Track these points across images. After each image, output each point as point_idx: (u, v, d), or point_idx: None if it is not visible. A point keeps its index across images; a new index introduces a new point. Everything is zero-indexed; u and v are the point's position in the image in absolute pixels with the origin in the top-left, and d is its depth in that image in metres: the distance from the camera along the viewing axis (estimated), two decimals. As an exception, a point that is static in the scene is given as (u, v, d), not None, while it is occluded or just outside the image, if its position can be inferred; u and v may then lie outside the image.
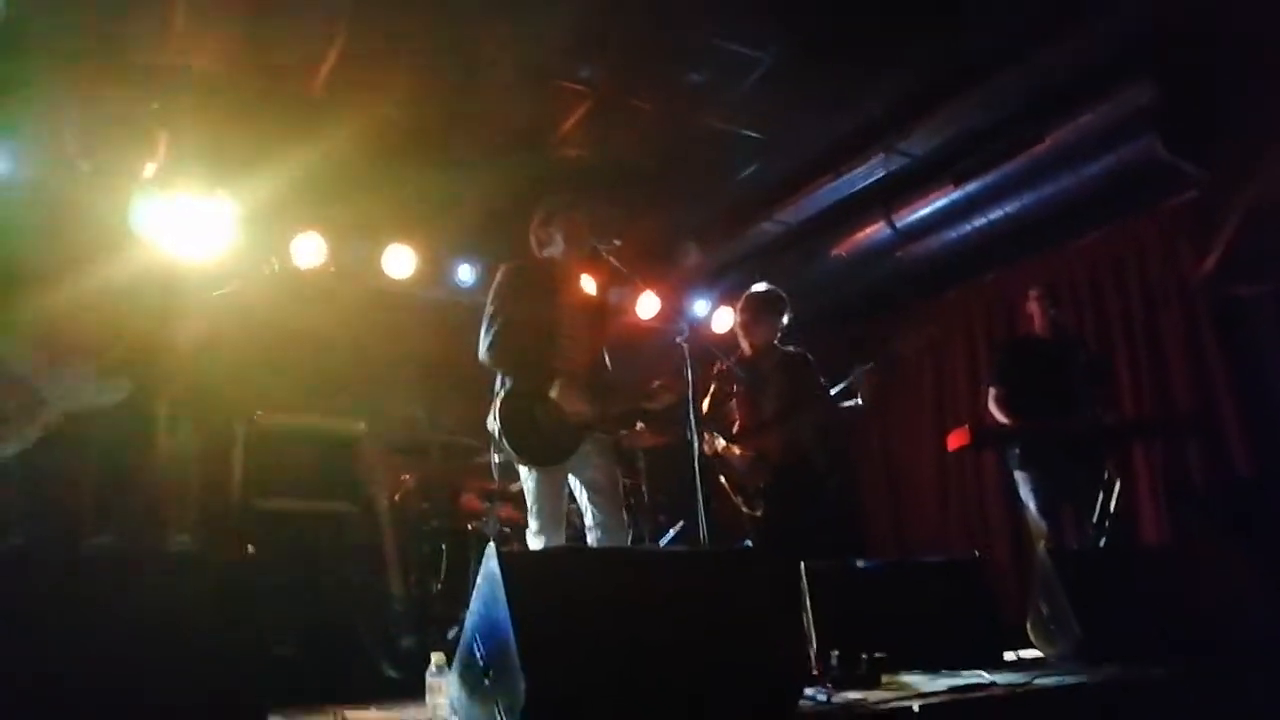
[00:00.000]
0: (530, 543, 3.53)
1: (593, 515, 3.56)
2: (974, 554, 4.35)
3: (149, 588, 2.02)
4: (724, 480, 4.50)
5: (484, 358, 3.60)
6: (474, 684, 2.22)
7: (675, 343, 3.95)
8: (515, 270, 3.75)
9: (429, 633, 4.30)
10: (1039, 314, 4.79)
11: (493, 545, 2.27)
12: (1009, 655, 3.47)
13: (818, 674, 2.82)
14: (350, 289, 5.95)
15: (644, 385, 3.74)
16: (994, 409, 4.68)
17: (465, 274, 6.31)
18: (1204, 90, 4.85)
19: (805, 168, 5.93)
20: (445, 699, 2.44)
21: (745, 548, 3.96)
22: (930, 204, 5.92)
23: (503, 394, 3.53)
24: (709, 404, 4.54)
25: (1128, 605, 3.29)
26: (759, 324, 4.61)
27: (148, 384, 2.94)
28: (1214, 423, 5.23)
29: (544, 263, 3.80)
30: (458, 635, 2.94)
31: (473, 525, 4.98)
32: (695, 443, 3.80)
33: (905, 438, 7.28)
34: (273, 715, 2.25)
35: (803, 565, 3.26)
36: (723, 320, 6.37)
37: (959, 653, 3.18)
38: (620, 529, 3.60)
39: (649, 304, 6.21)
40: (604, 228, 3.83)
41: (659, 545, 5.13)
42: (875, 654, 2.86)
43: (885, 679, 2.85)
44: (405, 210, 5.83)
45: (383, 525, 4.36)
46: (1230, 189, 5.10)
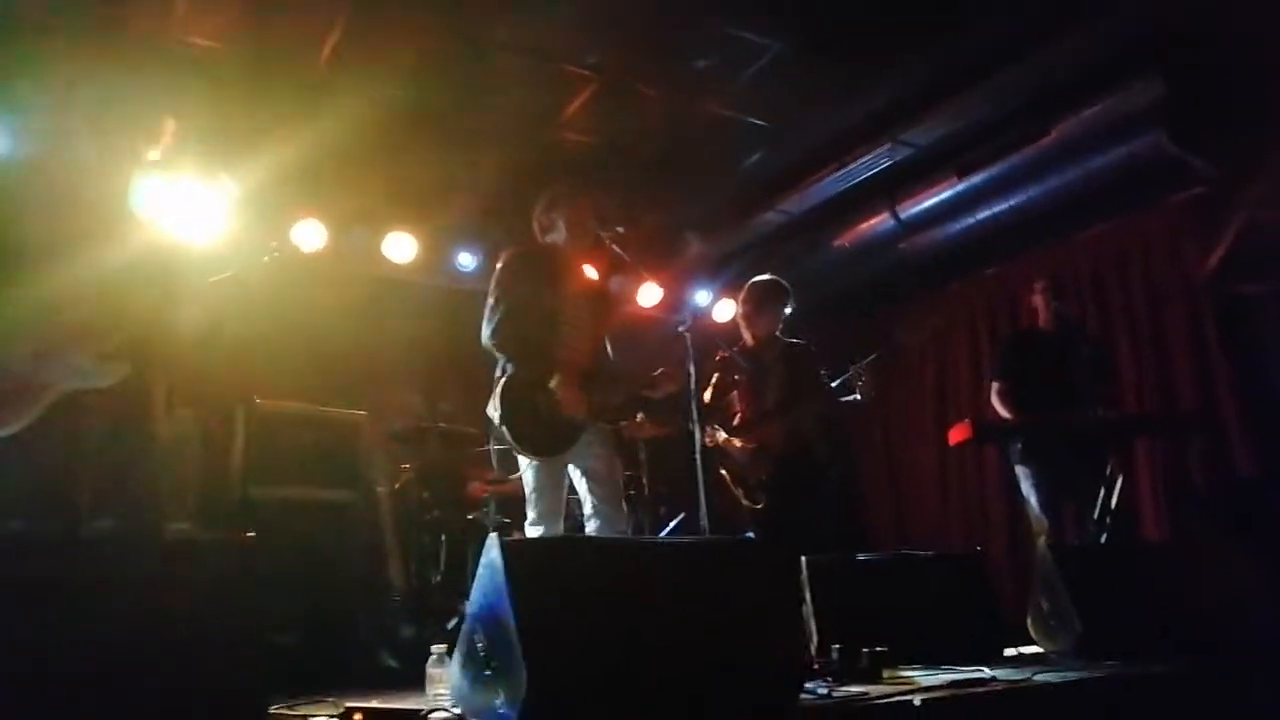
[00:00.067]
0: (528, 533, 3.51)
1: (592, 505, 3.54)
2: (975, 549, 4.34)
3: (149, 574, 2.01)
4: (725, 472, 4.48)
5: (486, 342, 3.58)
6: (475, 674, 2.20)
7: (677, 332, 3.94)
8: (518, 256, 3.72)
9: (428, 623, 4.29)
10: (1043, 307, 4.77)
11: (494, 535, 2.26)
12: (1009, 651, 3.46)
13: (818, 667, 2.82)
14: (351, 275, 5.93)
15: (645, 374, 3.71)
16: (997, 403, 4.66)
17: (466, 261, 6.29)
18: (1211, 85, 4.82)
19: (810, 157, 5.90)
20: (446, 689, 2.44)
21: (747, 539, 3.94)
22: (935, 196, 5.90)
23: (504, 381, 3.51)
24: (710, 395, 4.52)
25: (1128, 602, 3.29)
26: (761, 314, 4.59)
27: (146, 370, 2.92)
28: (1216, 421, 5.22)
29: (547, 249, 3.77)
30: (457, 626, 2.93)
31: (473, 516, 4.97)
32: (697, 433, 3.79)
33: (906, 430, 7.27)
34: (273, 704, 2.25)
35: (803, 558, 3.25)
36: (724, 310, 6.35)
37: (959, 647, 3.16)
38: (620, 519, 3.59)
39: (651, 293, 6.19)
40: (607, 215, 3.80)
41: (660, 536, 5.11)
42: (876, 648, 2.85)
43: (886, 673, 2.83)
44: (406, 196, 5.80)
45: (382, 514, 4.34)
46: (1236, 186, 5.07)
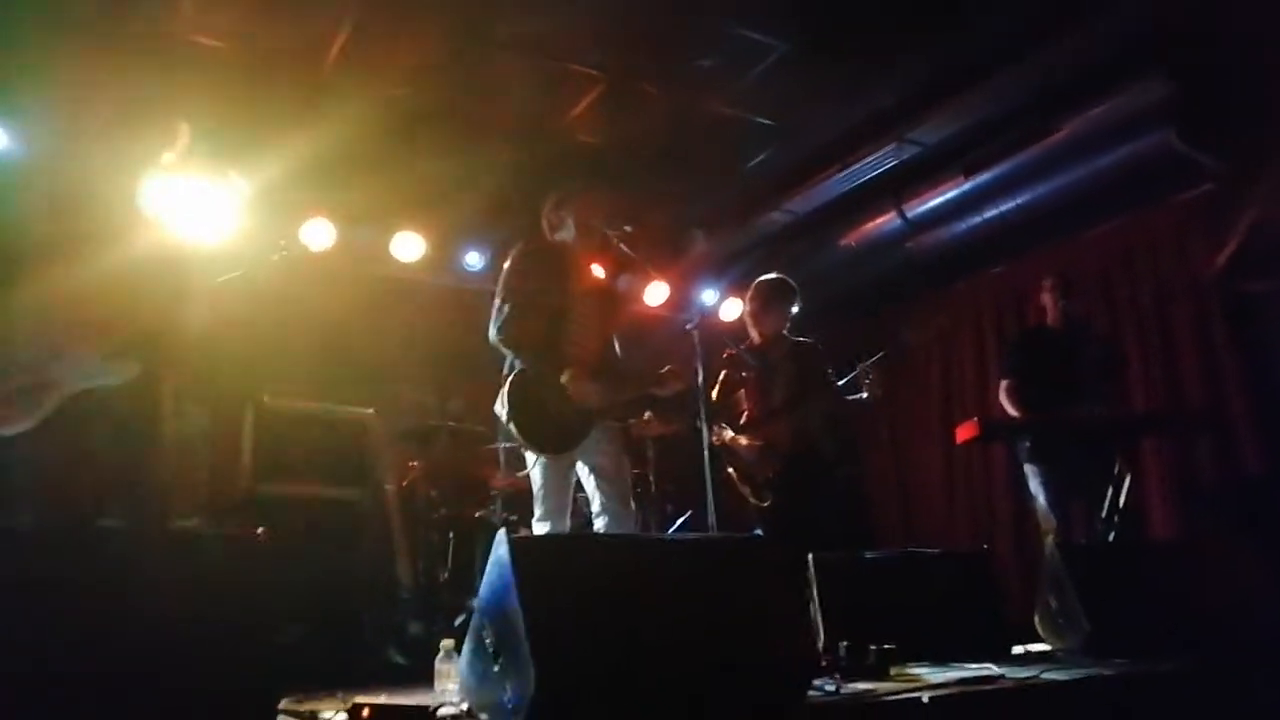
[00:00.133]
0: (536, 530, 3.51)
1: (600, 503, 3.55)
2: (982, 547, 4.33)
3: (157, 571, 2.01)
4: (732, 470, 4.48)
5: (494, 338, 3.57)
6: (483, 669, 2.21)
7: (685, 330, 3.94)
8: (527, 253, 3.72)
9: (436, 620, 4.30)
10: (1051, 305, 4.75)
11: (503, 531, 2.26)
12: (1017, 649, 3.46)
13: (826, 664, 2.81)
14: (359, 274, 5.95)
15: (653, 373, 3.71)
16: (1004, 401, 4.65)
17: (474, 260, 6.31)
18: (1219, 83, 4.81)
19: (816, 156, 5.89)
20: (454, 684, 2.44)
21: (755, 536, 3.94)
22: (941, 194, 5.88)
23: (511, 378, 3.51)
24: (717, 393, 4.51)
25: (1136, 600, 3.28)
26: (768, 312, 4.59)
27: (154, 368, 2.93)
28: (1224, 419, 5.20)
29: (555, 247, 3.77)
30: (465, 623, 2.94)
31: (480, 513, 4.98)
32: (704, 431, 3.79)
33: (913, 429, 7.25)
34: (281, 700, 2.25)
35: (810, 556, 3.25)
36: (731, 309, 6.35)
37: (966, 645, 3.16)
38: (628, 517, 3.59)
39: (658, 292, 6.19)
40: (615, 214, 3.80)
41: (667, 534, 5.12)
42: (883, 645, 2.85)
43: (893, 671, 2.84)
44: (414, 195, 5.81)
45: (390, 512, 4.35)
46: (1244, 183, 5.06)
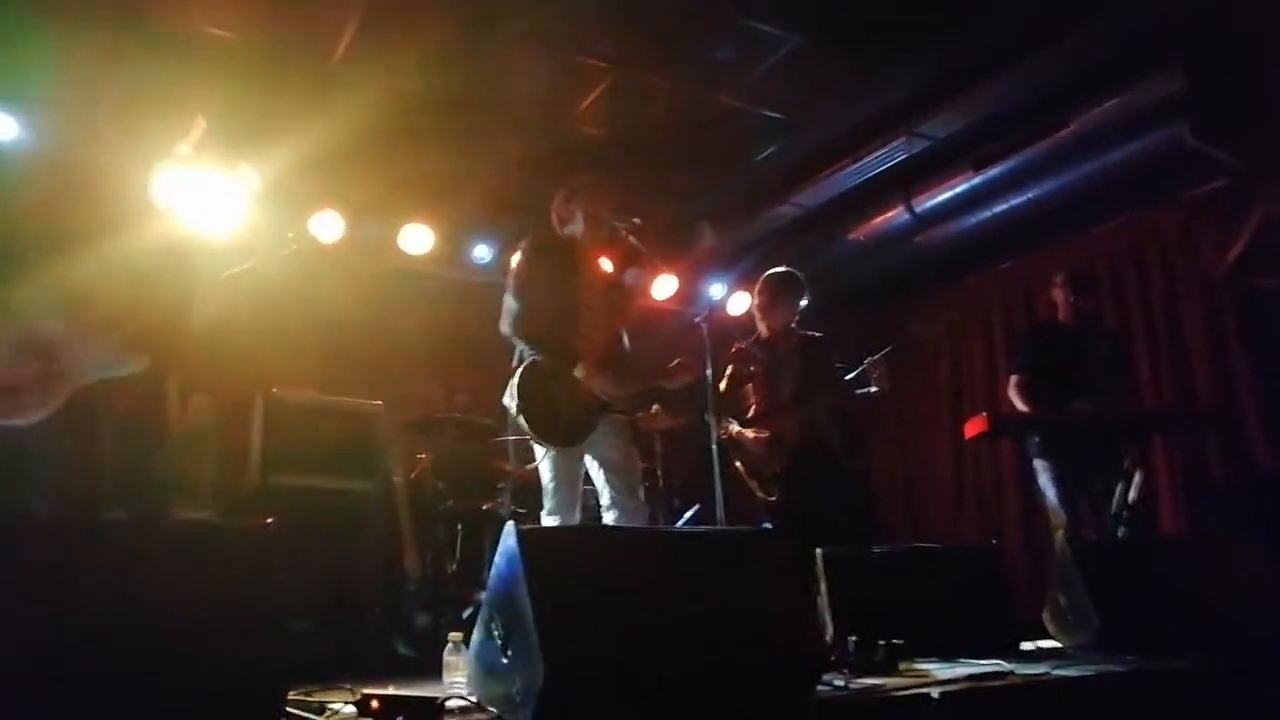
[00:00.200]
0: (544, 523, 3.52)
1: (610, 496, 3.55)
2: (991, 542, 4.32)
3: (166, 561, 2.01)
4: (739, 465, 4.47)
5: (507, 332, 3.58)
6: (491, 661, 2.21)
7: (693, 323, 3.93)
8: (537, 246, 3.72)
9: (443, 612, 4.31)
10: (1063, 301, 4.73)
11: (511, 523, 2.26)
12: (1026, 645, 3.45)
13: (835, 659, 2.81)
14: (367, 267, 5.95)
15: (661, 366, 3.71)
16: (1014, 396, 4.63)
17: (482, 253, 6.31)
18: (1232, 79, 4.77)
19: (825, 150, 5.86)
20: (462, 676, 2.44)
21: (764, 529, 3.93)
22: (950, 189, 5.85)
23: (520, 371, 3.51)
24: (725, 386, 4.50)
25: (1146, 597, 3.26)
26: (777, 306, 4.58)
27: (164, 360, 2.94)
28: (1234, 416, 5.18)
29: (565, 241, 3.77)
30: (473, 615, 2.94)
31: (488, 506, 4.98)
32: (713, 425, 3.78)
33: (921, 424, 7.24)
34: (289, 691, 2.25)
35: (818, 551, 3.25)
36: (739, 303, 6.34)
37: (975, 641, 3.15)
38: (638, 510, 3.59)
39: (666, 285, 6.18)
40: (624, 207, 3.79)
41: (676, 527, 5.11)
42: (892, 640, 2.85)
43: (902, 666, 2.83)
44: (422, 188, 5.81)
45: (398, 504, 4.36)
46: (1256, 179, 5.03)
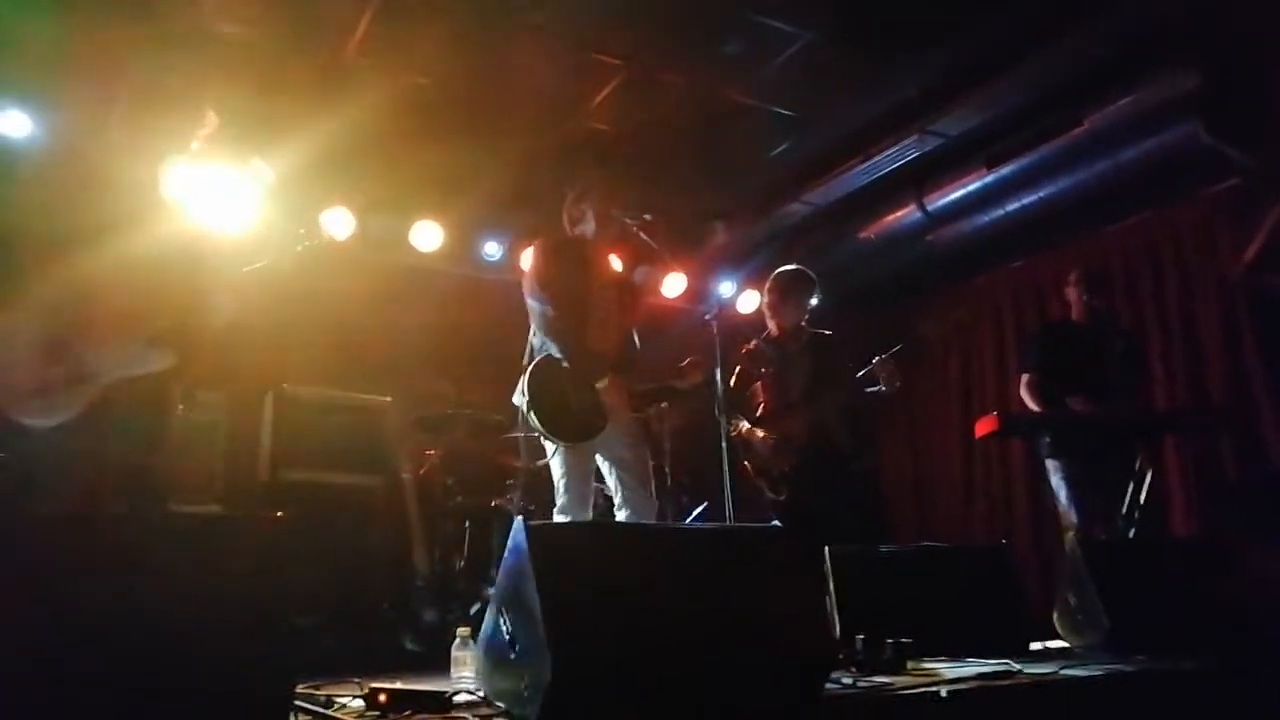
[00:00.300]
0: (556, 520, 3.53)
1: (623, 494, 3.56)
2: (1001, 541, 4.30)
3: (176, 554, 2.02)
4: (747, 464, 4.47)
5: (540, 333, 3.61)
6: (499, 657, 2.21)
7: (704, 321, 3.94)
8: (550, 246, 3.74)
9: (451, 608, 4.31)
10: (1076, 300, 4.70)
11: (520, 519, 2.26)
12: (1035, 645, 3.43)
13: (843, 658, 2.80)
14: (378, 263, 5.97)
15: (672, 364, 3.72)
16: (1026, 395, 4.61)
17: (492, 250, 6.32)
18: (1249, 76, 4.74)
19: (837, 147, 5.86)
20: (470, 672, 2.45)
21: (774, 527, 3.92)
22: (963, 187, 5.84)
23: (531, 368, 3.52)
24: (735, 384, 4.50)
25: (1157, 597, 3.24)
26: (787, 304, 4.56)
27: (181, 356, 2.95)
28: (1248, 416, 5.15)
29: (576, 240, 3.78)
30: (480, 611, 2.95)
31: (496, 502, 4.99)
32: (723, 423, 3.78)
33: (930, 423, 7.22)
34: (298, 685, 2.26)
35: (826, 549, 3.24)
36: (749, 301, 6.33)
37: (984, 640, 3.14)
38: (650, 508, 3.60)
39: (676, 283, 6.18)
40: (635, 204, 3.80)
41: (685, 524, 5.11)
42: (900, 639, 2.84)
43: (910, 665, 2.82)
44: (432, 184, 5.82)
45: (407, 500, 4.37)
46: (1272, 177, 4.99)
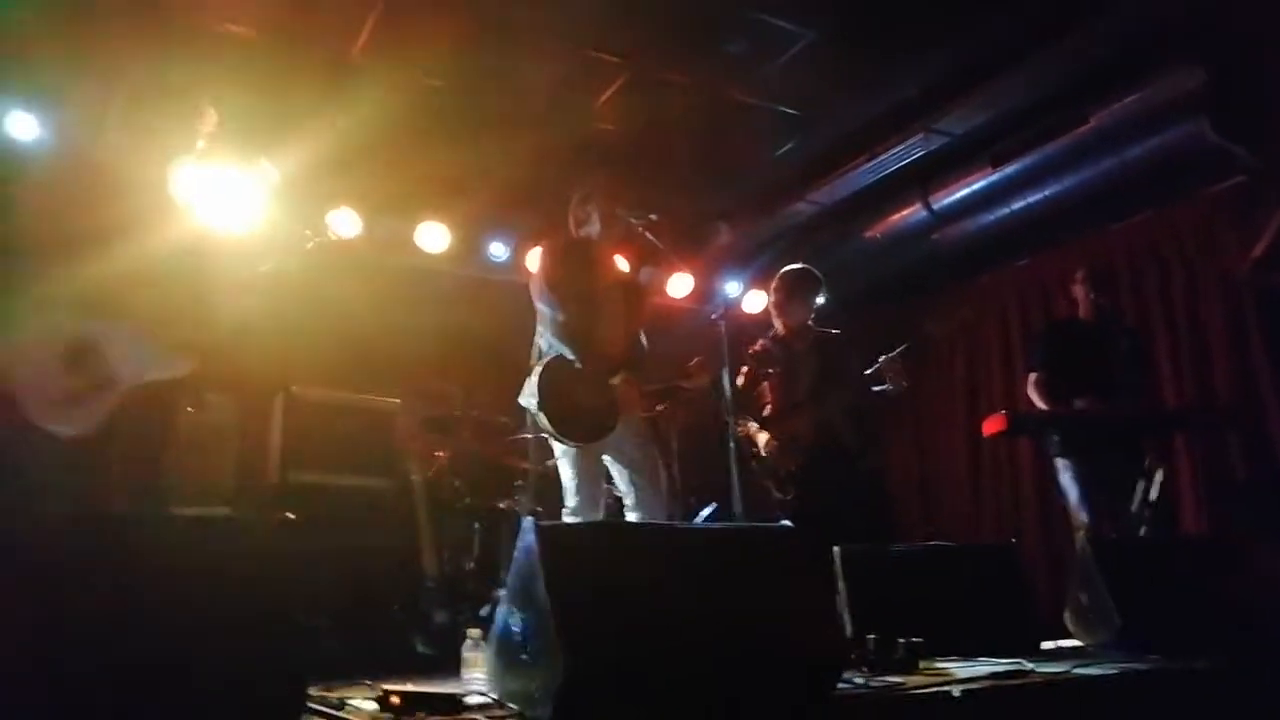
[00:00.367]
0: (565, 521, 3.53)
1: (634, 496, 3.57)
2: (1010, 540, 4.30)
3: (187, 557, 2.02)
4: (754, 464, 4.46)
5: (550, 336, 3.60)
6: (510, 658, 2.21)
7: (711, 320, 3.93)
8: (557, 248, 3.75)
9: (461, 609, 4.30)
10: (1083, 298, 4.69)
11: (530, 519, 2.26)
12: (1047, 644, 3.42)
13: (854, 657, 2.80)
14: (384, 264, 5.97)
15: (679, 364, 3.72)
16: (1033, 394, 4.60)
17: (498, 250, 6.33)
18: (1255, 74, 4.73)
19: (842, 146, 5.85)
20: (481, 673, 2.45)
21: (784, 526, 3.92)
22: (968, 186, 5.83)
23: (540, 369, 3.53)
24: (743, 384, 4.49)
25: (1168, 596, 3.24)
26: (793, 303, 4.56)
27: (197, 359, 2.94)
28: (1255, 414, 5.13)
29: (582, 242, 3.79)
30: (491, 612, 2.95)
31: (505, 504, 4.98)
32: (731, 422, 3.78)
33: (937, 422, 7.21)
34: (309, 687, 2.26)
35: (836, 549, 3.23)
36: (755, 301, 6.33)
37: (995, 639, 3.13)
38: (660, 508, 3.61)
39: (682, 283, 6.18)
40: (640, 205, 3.80)
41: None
42: (912, 638, 2.83)
43: (922, 664, 2.81)
44: (438, 185, 5.82)
45: (416, 501, 4.36)
46: (1278, 176, 4.97)
